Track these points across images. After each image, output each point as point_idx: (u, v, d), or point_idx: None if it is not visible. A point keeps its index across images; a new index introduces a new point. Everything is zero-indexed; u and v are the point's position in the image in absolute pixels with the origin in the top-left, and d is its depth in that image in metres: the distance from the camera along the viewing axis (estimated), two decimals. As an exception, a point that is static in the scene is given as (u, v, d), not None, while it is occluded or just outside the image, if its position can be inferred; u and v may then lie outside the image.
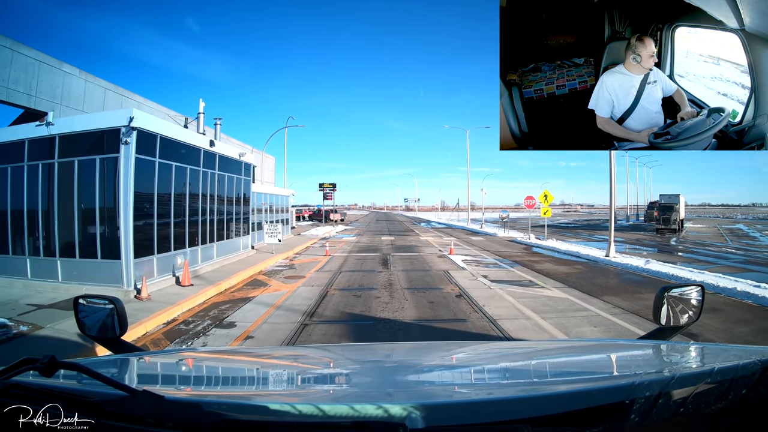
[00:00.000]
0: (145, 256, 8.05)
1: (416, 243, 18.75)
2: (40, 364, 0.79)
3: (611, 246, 13.71)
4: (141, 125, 7.76)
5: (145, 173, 8.10)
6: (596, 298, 7.58)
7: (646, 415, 0.78)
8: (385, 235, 23.63)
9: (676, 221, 28.45)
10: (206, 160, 10.26)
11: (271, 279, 9.48)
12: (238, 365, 1.52)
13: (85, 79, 13.24)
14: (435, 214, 74.69)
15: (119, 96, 14.55)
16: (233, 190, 12.06)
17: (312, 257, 13.44)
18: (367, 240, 20.51)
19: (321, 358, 1.64)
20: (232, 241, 11.95)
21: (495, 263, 12.11)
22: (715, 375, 0.84)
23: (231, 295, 7.89)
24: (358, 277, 9.59)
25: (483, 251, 15.39)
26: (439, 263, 11.85)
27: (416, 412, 0.75)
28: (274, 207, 18.37)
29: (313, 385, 1.26)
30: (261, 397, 1.02)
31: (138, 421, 0.76)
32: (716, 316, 6.18)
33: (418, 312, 6.44)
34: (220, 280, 8.76)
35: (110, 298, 1.44)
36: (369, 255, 13.90)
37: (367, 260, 12.58)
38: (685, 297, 1.53)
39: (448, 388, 1.17)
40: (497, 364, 1.48)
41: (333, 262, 12.08)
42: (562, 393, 0.94)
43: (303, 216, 48.47)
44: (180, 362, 1.48)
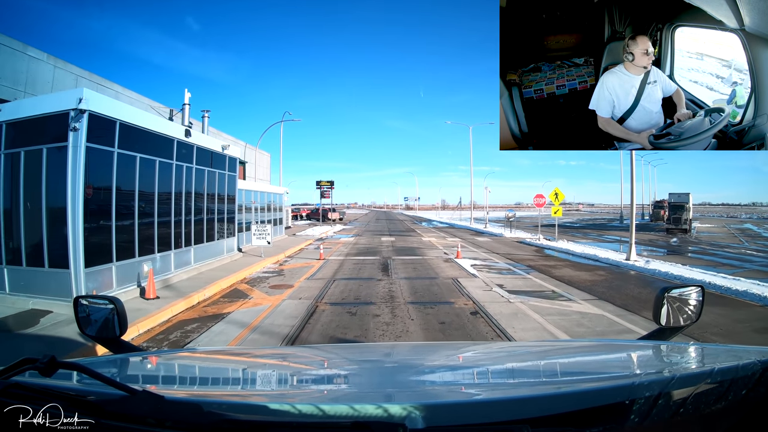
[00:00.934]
0: (102, 264, 6.78)
1: (419, 245, 17.47)
2: (39, 364, 0.79)
3: (632, 249, 12.51)
4: (94, 108, 6.49)
5: (101, 166, 6.82)
6: (636, 314, 6.33)
7: (645, 415, 0.78)
8: (385, 236, 22.34)
9: (687, 221, 27.52)
10: (181, 152, 8.98)
11: (254, 289, 8.21)
12: (238, 365, 1.50)
13: (54, 64, 11.93)
14: (436, 213, 73.42)
15: (94, 84, 13.24)
16: (215, 187, 10.77)
17: (304, 261, 12.18)
18: (366, 241, 19.22)
19: (321, 359, 1.62)
20: (213, 244, 10.68)
21: (508, 268, 10.84)
22: (715, 375, 0.83)
23: (202, 311, 6.63)
24: (355, 286, 8.32)
25: (492, 254, 14.13)
26: (446, 269, 10.58)
27: (416, 412, 0.75)
28: (267, 206, 17.08)
29: (313, 385, 1.25)
30: (261, 397, 1.03)
31: (138, 421, 0.76)
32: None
33: (427, 337, 5.18)
34: (193, 291, 7.49)
35: (110, 298, 1.43)
36: (367, 259, 12.63)
37: (366, 265, 11.31)
38: (686, 297, 1.51)
39: (448, 388, 1.17)
40: (497, 364, 1.47)
41: (327, 268, 10.81)
42: (562, 393, 0.93)
43: (301, 215, 47.41)
44: (180, 362, 1.48)
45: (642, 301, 7.14)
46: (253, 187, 15.54)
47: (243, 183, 15.06)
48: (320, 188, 30.18)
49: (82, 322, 1.44)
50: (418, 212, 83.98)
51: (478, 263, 11.62)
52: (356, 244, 17.56)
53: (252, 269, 10.33)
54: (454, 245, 16.55)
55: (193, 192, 9.51)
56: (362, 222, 42.50)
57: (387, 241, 19.23)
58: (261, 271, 10.46)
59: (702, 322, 6.38)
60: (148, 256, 7.87)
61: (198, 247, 9.76)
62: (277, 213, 18.50)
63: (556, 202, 19.27)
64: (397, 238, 21.05)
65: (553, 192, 19.27)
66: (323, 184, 30.12)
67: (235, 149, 11.94)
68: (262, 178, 27.67)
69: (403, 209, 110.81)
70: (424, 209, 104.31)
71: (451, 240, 19.66)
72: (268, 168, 29.13)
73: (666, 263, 11.86)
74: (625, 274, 10.36)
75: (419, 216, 64.89)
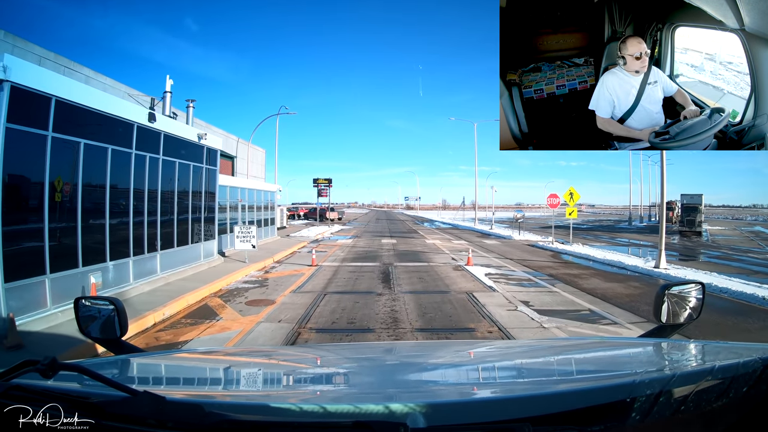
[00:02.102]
0: (30, 276, 5.34)
1: (423, 248, 16.01)
2: (41, 366, 0.78)
3: (662, 256, 11.04)
4: (18, 79, 5.04)
5: (28, 153, 5.39)
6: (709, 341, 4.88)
7: (647, 413, 0.77)
8: (386, 237, 20.86)
9: (701, 223, 26.46)
10: (144, 139, 7.51)
11: (227, 306, 6.75)
12: (239, 365, 1.48)
13: (13, 43, 10.51)
14: (437, 213, 72.01)
15: (60, 67, 11.80)
16: (189, 182, 9.32)
17: (294, 268, 10.72)
18: (365, 243, 17.73)
19: (322, 358, 1.60)
20: (187, 249, 9.23)
21: (528, 279, 9.40)
22: (716, 373, 0.83)
23: (153, 338, 5.18)
24: (349, 304, 6.84)
25: (505, 260, 12.67)
26: (457, 280, 9.12)
27: (418, 411, 0.74)
28: (257, 204, 15.60)
29: (314, 385, 1.24)
30: (262, 397, 1.03)
31: (139, 422, 0.75)
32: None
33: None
34: (150, 310, 6.04)
35: (111, 299, 1.43)
36: (366, 266, 11.15)
37: (363, 274, 9.86)
38: (686, 295, 1.50)
39: (449, 387, 1.16)
40: (498, 363, 1.46)
41: (318, 277, 9.36)
42: (563, 392, 0.93)
43: (299, 214, 45.96)
44: (181, 363, 1.47)
45: (705, 324, 5.70)
46: (239, 183, 14.03)
47: (228, 179, 13.61)
48: (317, 186, 28.56)
49: (83, 323, 1.43)
50: (419, 212, 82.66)
51: (492, 272, 10.16)
52: (354, 247, 16.10)
53: (231, 278, 8.89)
54: (463, 249, 15.11)
55: (159, 187, 8.05)
56: (362, 222, 41.00)
57: (388, 243, 17.75)
58: (242, 280, 9.01)
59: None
60: (96, 266, 6.42)
61: (166, 253, 8.30)
62: (269, 212, 16.97)
63: (571, 202, 17.83)
64: (399, 240, 19.57)
65: (568, 192, 17.84)
66: (320, 182, 28.47)
67: (215, 139, 10.50)
68: (255, 175, 26.20)
69: (404, 209, 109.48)
70: (424, 209, 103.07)
71: (458, 243, 18.21)
72: (263, 165, 27.66)
73: (699, 272, 10.51)
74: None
75: (420, 216, 63.47)
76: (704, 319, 6.37)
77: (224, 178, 13.55)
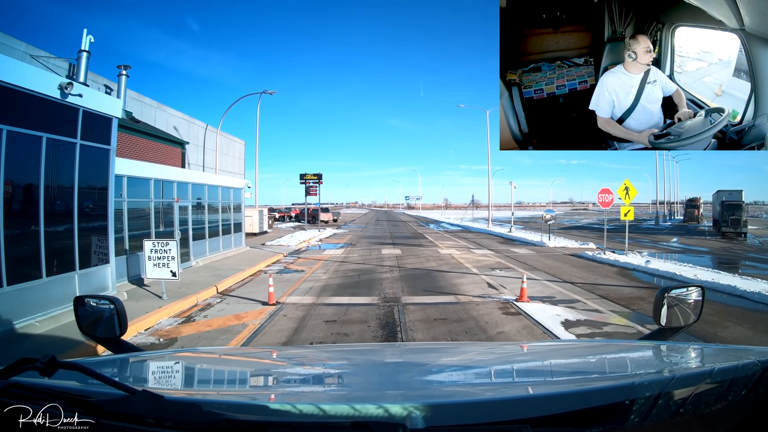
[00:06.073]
0: None
1: (438, 263, 11.80)
2: (39, 364, 0.78)
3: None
4: None
5: None
6: None
7: (646, 415, 0.77)
8: (387, 246, 16.62)
9: (746, 222, 23.50)
10: None
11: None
12: (238, 365, 1.47)
13: None
14: (441, 213, 67.80)
15: None
16: (40, 168, 5.24)
17: (236, 311, 6.57)
18: (360, 256, 13.42)
19: (321, 359, 1.59)
20: (25, 289, 5.14)
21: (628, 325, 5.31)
22: (715, 375, 0.82)
23: None
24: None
25: (564, 284, 8.56)
26: (519, 339, 5.02)
27: (417, 412, 0.74)
28: (209, 204, 11.45)
29: (313, 385, 1.23)
30: (261, 397, 1.02)
31: (138, 420, 0.75)
32: None
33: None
34: None
35: (111, 298, 1.40)
36: (355, 305, 6.99)
37: (350, 326, 5.76)
38: (686, 298, 1.47)
39: (448, 388, 1.16)
40: (498, 364, 1.45)
41: (269, 335, 5.28)
42: (562, 393, 0.93)
43: (290, 216, 41.93)
44: (180, 362, 1.43)
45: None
46: (178, 176, 9.79)
47: (163, 169, 9.50)
48: (305, 182, 24.09)
49: (82, 322, 1.40)
50: (421, 212, 78.65)
51: (569, 316, 6.04)
52: (344, 262, 11.93)
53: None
54: (493, 264, 11.07)
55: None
56: (359, 224, 36.83)
57: (390, 255, 13.55)
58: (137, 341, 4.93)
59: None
60: None
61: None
62: (231, 215, 12.76)
63: (627, 200, 13.83)
64: (404, 249, 15.35)
65: (623, 186, 13.86)
66: (308, 178, 23.91)
67: (104, 98, 6.41)
68: (232, 170, 22.12)
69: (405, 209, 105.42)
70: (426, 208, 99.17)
71: (481, 253, 14.06)
72: (241, 159, 23.55)
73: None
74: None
75: (423, 216, 59.40)
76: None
77: (159, 168, 9.46)
